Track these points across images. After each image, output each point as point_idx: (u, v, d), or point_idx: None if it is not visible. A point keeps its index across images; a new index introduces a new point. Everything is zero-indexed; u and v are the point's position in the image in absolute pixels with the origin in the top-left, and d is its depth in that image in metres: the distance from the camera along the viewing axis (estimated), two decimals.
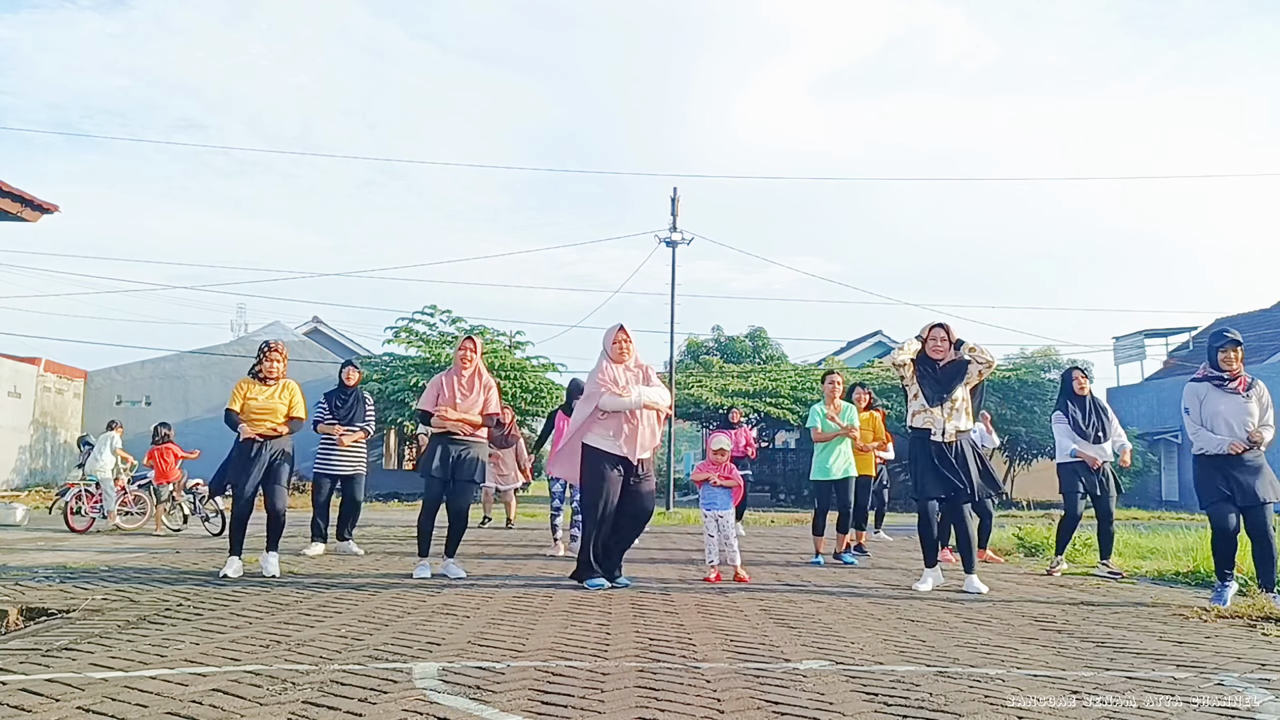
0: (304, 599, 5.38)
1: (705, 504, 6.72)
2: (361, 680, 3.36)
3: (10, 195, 9.16)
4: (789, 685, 3.38)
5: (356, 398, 8.50)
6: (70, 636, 4.17)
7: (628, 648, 4.04)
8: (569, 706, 3.03)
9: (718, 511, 6.63)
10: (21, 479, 21.68)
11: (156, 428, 11.61)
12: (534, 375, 22.77)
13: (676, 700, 3.12)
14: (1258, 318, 29.74)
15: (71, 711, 2.92)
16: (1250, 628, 4.96)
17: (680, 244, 22.48)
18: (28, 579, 6.10)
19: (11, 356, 22.13)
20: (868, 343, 32.66)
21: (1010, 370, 25.57)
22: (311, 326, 30.28)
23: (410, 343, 23.71)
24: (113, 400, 25.03)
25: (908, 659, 3.93)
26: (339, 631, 4.35)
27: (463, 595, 5.62)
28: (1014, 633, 4.67)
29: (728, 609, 5.26)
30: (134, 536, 9.94)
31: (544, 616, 4.86)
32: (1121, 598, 6.16)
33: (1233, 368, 5.95)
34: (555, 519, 8.85)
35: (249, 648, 3.94)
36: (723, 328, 30.99)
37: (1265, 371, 24.97)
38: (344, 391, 8.50)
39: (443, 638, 4.22)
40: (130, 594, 5.50)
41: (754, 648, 4.11)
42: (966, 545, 6.42)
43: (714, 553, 6.48)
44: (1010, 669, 3.76)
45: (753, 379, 24.56)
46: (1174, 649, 4.31)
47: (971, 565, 6.37)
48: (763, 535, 11.63)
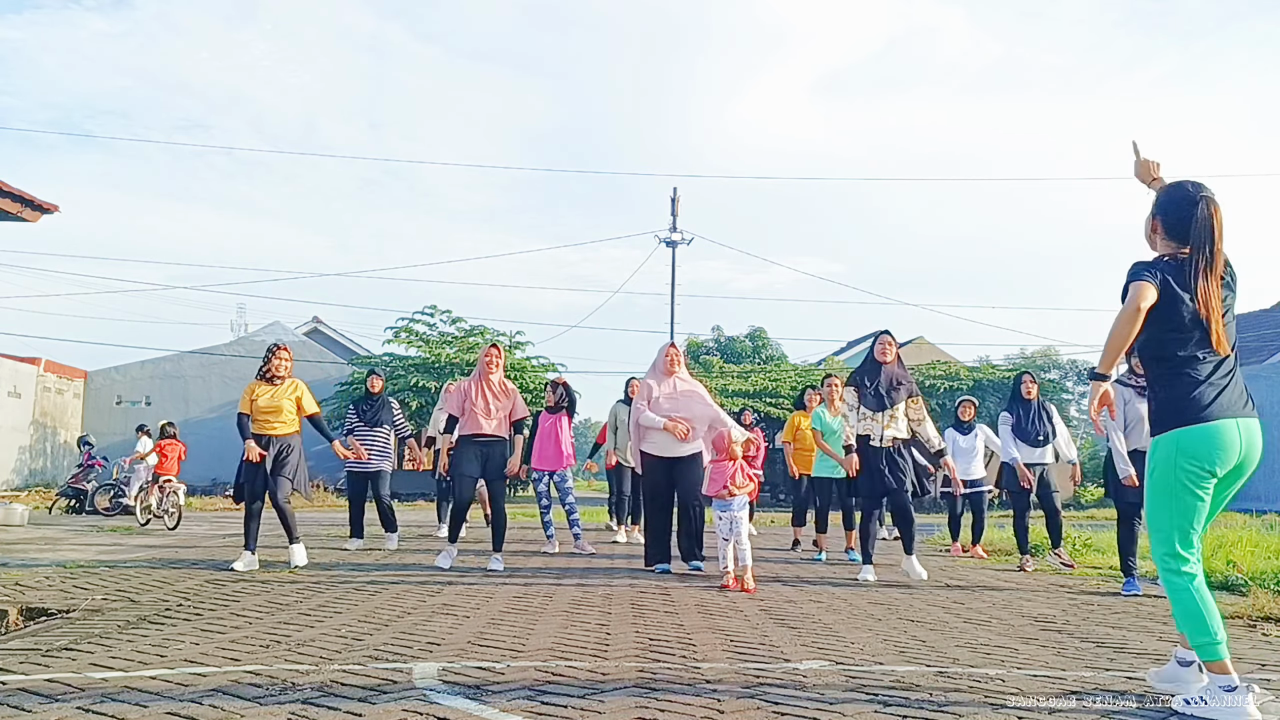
0: (304, 599, 5.38)
1: (719, 505, 6.63)
2: (361, 680, 3.36)
3: (10, 195, 9.16)
4: (789, 685, 3.38)
5: (382, 403, 9.09)
6: (70, 636, 4.17)
7: (628, 648, 4.04)
8: (569, 706, 3.03)
9: (732, 513, 6.55)
10: (21, 479, 21.68)
11: (164, 426, 12.72)
12: (534, 375, 22.77)
13: (676, 700, 3.12)
14: (1258, 318, 29.71)
15: (71, 711, 2.92)
16: (1250, 628, 4.96)
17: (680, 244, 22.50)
18: (28, 579, 6.10)
19: (11, 356, 22.13)
20: (868, 343, 32.63)
21: (1010, 371, 25.56)
22: (311, 326, 30.26)
23: (410, 343, 23.71)
24: (113, 400, 25.04)
25: (908, 659, 3.93)
26: (339, 631, 4.35)
27: (463, 595, 5.62)
28: (1014, 633, 4.67)
29: (728, 609, 5.26)
30: (134, 536, 9.95)
31: (544, 616, 4.86)
32: (1121, 598, 6.16)
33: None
34: (545, 517, 8.95)
35: (249, 648, 3.94)
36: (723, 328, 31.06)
37: (1265, 371, 24.96)
38: (370, 399, 9.11)
39: (443, 638, 4.22)
40: (130, 594, 5.50)
41: (754, 648, 4.11)
42: (908, 529, 6.97)
43: (728, 558, 6.40)
44: (1010, 669, 3.76)
45: (753, 379, 24.55)
46: (1174, 649, 4.30)
47: (911, 547, 6.95)
48: (762, 535, 11.63)
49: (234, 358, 24.68)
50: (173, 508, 11.31)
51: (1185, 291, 3.09)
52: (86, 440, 15.99)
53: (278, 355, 6.88)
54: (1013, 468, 8.02)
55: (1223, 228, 3.12)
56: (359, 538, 8.78)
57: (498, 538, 7.24)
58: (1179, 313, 3.10)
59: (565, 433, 9.01)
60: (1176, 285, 3.09)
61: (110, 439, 22.18)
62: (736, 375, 25.21)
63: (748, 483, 6.57)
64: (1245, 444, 3.11)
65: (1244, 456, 3.12)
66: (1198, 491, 3.11)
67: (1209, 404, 3.09)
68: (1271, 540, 8.46)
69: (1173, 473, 3.12)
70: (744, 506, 6.61)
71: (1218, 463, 3.10)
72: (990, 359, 29.09)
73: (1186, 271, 3.11)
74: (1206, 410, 3.09)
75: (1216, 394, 3.11)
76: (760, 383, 24.20)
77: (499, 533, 7.26)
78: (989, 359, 29.05)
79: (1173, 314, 3.10)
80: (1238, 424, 3.11)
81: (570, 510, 8.82)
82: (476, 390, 7.14)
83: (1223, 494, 3.22)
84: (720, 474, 6.57)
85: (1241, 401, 3.15)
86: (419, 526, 12.04)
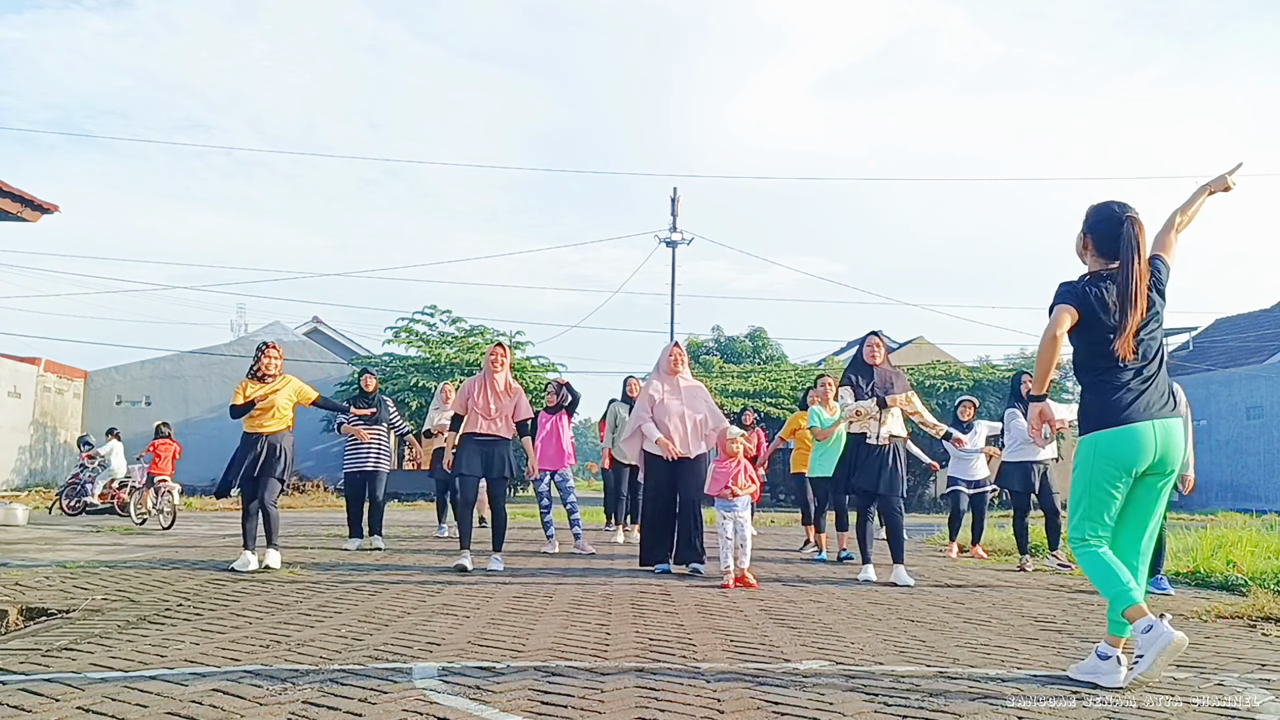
0: (304, 599, 5.38)
1: (723, 505, 6.62)
2: (361, 680, 3.36)
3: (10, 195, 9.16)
4: (789, 685, 3.38)
5: (378, 402, 9.08)
6: (70, 636, 4.17)
7: (628, 648, 4.04)
8: (569, 706, 3.03)
9: (736, 513, 6.54)
10: (21, 479, 21.68)
11: (159, 426, 12.86)
12: (534, 375, 22.76)
13: (676, 700, 3.12)
14: (1258, 318, 29.71)
15: (71, 711, 2.92)
16: (1250, 628, 4.96)
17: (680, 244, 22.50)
18: (28, 579, 6.10)
19: (11, 356, 22.13)
20: None
21: (1009, 370, 25.58)
22: (311, 326, 30.26)
23: (410, 343, 23.70)
24: (113, 400, 25.03)
25: (908, 659, 3.93)
26: (339, 631, 4.35)
27: (463, 595, 5.62)
28: (1014, 633, 4.67)
29: (728, 609, 5.26)
30: (134, 536, 9.95)
31: (544, 616, 4.86)
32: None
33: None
34: (545, 517, 8.95)
35: (249, 648, 3.94)
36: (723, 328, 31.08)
37: (1265, 372, 24.98)
38: (365, 397, 9.07)
39: (443, 638, 4.22)
40: (130, 594, 5.50)
41: (754, 648, 4.11)
42: (896, 539, 6.88)
43: (729, 557, 6.40)
44: (1010, 669, 3.76)
45: (753, 379, 24.56)
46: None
47: (900, 556, 6.86)
48: (762, 535, 11.63)
49: (234, 358, 24.66)
50: (167, 507, 11.36)
51: (1109, 305, 3.39)
52: (86, 440, 16.00)
53: (267, 354, 6.92)
54: (1013, 466, 8.04)
55: (1145, 245, 3.43)
56: (358, 538, 8.80)
57: (498, 538, 7.26)
58: (1102, 326, 3.40)
59: (566, 432, 9.04)
60: (1101, 301, 3.40)
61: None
62: (736, 375, 25.23)
63: (749, 484, 6.57)
64: (1161, 443, 3.39)
65: (1161, 454, 3.40)
66: (1111, 489, 3.44)
67: (1126, 408, 3.39)
68: (1271, 540, 8.46)
69: (1090, 472, 3.45)
70: (747, 507, 6.60)
71: (1133, 462, 3.40)
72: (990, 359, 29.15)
73: (1113, 286, 3.41)
74: (1123, 414, 3.38)
75: (1134, 399, 3.40)
76: (760, 383, 24.21)
77: (499, 533, 7.28)
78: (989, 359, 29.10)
79: (1096, 327, 3.40)
80: (1154, 425, 3.38)
81: (571, 510, 8.84)
82: (479, 389, 7.15)
83: (1155, 491, 3.50)
84: (723, 474, 6.57)
85: (1161, 403, 3.42)
86: (419, 526, 12.03)
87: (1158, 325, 3.47)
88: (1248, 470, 24.65)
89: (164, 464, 12.23)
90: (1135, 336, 3.40)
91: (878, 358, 7.02)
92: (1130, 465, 3.39)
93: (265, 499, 6.73)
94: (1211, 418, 25.40)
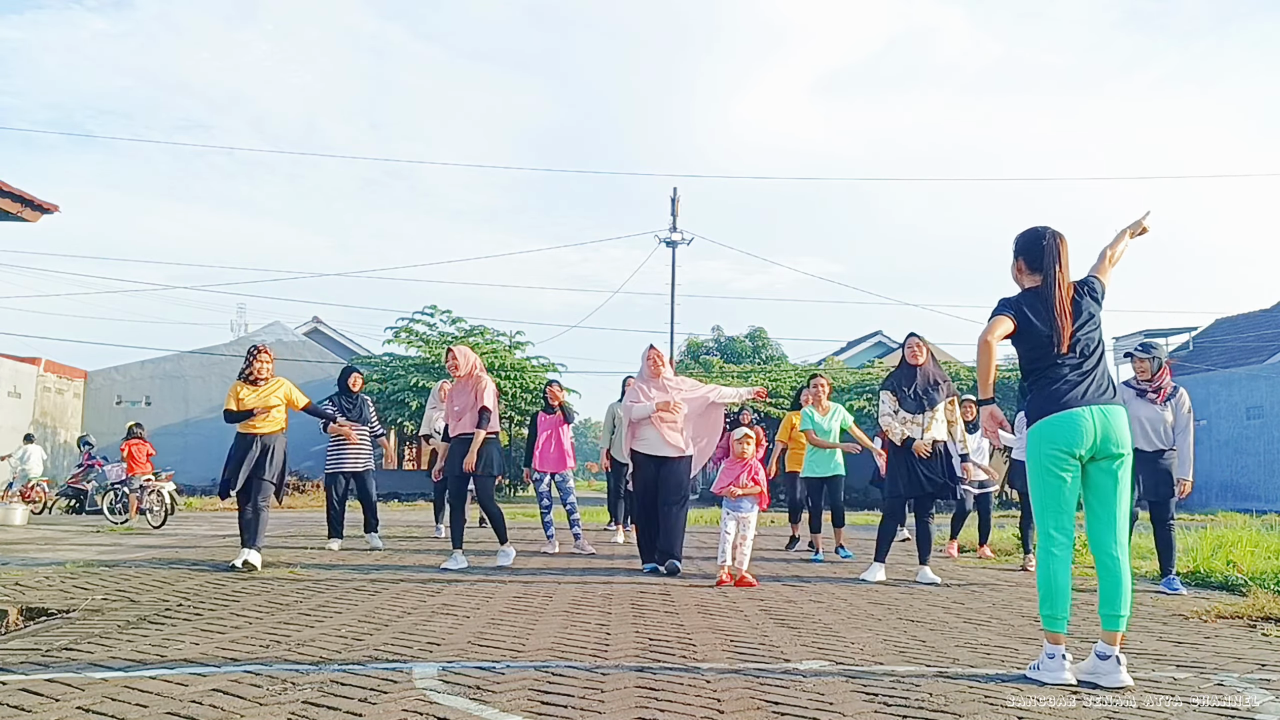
0: (304, 599, 5.38)
1: (729, 505, 6.59)
2: (361, 680, 3.36)
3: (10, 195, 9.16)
4: (789, 685, 3.38)
5: (361, 401, 9.11)
6: (70, 636, 4.17)
7: (628, 648, 4.04)
8: (569, 706, 3.03)
9: (742, 514, 6.53)
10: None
11: (130, 427, 13.00)
12: (534, 375, 22.77)
13: (676, 700, 3.12)
14: (1258, 318, 29.72)
15: (71, 711, 2.92)
16: (1250, 628, 4.96)
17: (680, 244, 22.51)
18: (28, 579, 6.10)
19: (11, 356, 22.13)
20: (868, 343, 32.63)
21: (1009, 371, 25.55)
22: (311, 327, 30.28)
23: (410, 343, 23.71)
24: (112, 400, 25.04)
25: (908, 659, 3.93)
26: (339, 631, 4.35)
27: (463, 595, 5.62)
28: (1014, 633, 4.67)
29: (728, 609, 5.26)
30: (134, 536, 9.95)
31: (544, 616, 4.86)
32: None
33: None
34: (546, 517, 8.96)
35: (249, 648, 3.94)
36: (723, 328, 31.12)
37: (1265, 372, 24.97)
38: (349, 396, 9.04)
39: (443, 638, 4.22)
40: (130, 594, 5.50)
41: (754, 648, 4.11)
42: (926, 539, 6.99)
43: (726, 552, 6.39)
44: (1010, 669, 3.76)
45: (753, 379, 24.56)
46: (1174, 649, 4.31)
47: (927, 558, 6.95)
48: (762, 535, 11.63)
49: (234, 358, 24.64)
50: (156, 506, 11.27)
51: (1042, 312, 3.71)
52: (86, 440, 16.03)
53: (259, 359, 6.99)
54: (1024, 466, 8.02)
55: (1068, 256, 3.78)
56: (339, 538, 8.70)
57: (499, 532, 7.41)
58: (1038, 330, 3.70)
59: (566, 434, 9.06)
60: (1034, 310, 3.72)
61: (110, 439, 22.13)
62: (736, 375, 25.22)
63: (751, 484, 6.56)
64: (1100, 427, 3.60)
65: (1102, 436, 3.60)
66: (1060, 473, 3.64)
67: (1064, 397, 3.64)
68: (1271, 540, 8.45)
69: (1039, 459, 3.68)
70: (753, 508, 6.58)
71: (1074, 445, 3.60)
72: None
73: (1042, 296, 3.73)
74: (1062, 401, 3.64)
75: (1070, 389, 3.66)
76: (760, 383, 24.21)
77: (498, 527, 7.42)
78: None
79: (1033, 332, 3.71)
80: (1091, 410, 3.62)
81: (571, 510, 8.85)
82: (446, 395, 7.38)
83: (1111, 476, 3.64)
84: (730, 472, 6.57)
85: (1099, 392, 3.67)
86: (419, 526, 12.04)
87: (1095, 326, 3.78)
88: (1248, 470, 24.65)
89: (141, 464, 12.17)
90: (1072, 335, 3.70)
91: (920, 358, 6.95)
92: (1071, 447, 3.60)
93: (256, 499, 6.79)
94: (1211, 418, 25.39)
